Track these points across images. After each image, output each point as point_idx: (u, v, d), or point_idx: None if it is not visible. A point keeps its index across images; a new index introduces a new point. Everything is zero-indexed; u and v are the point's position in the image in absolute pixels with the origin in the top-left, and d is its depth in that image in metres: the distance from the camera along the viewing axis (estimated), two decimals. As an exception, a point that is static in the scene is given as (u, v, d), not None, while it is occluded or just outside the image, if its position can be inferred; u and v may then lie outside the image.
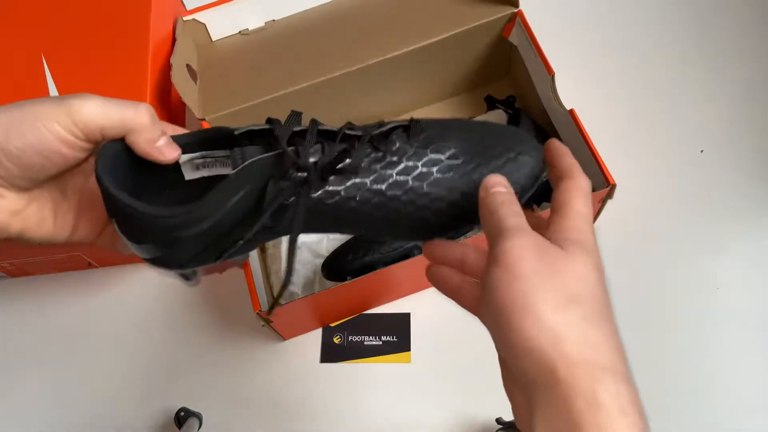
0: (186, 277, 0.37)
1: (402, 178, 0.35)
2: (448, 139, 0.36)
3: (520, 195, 0.36)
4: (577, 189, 0.34)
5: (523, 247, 0.30)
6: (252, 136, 0.35)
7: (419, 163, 0.35)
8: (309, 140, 0.33)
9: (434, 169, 0.35)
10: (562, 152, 0.36)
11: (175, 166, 0.36)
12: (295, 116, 0.34)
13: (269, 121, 0.34)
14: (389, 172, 0.34)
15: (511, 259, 0.30)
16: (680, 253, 0.64)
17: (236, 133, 0.35)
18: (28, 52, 0.64)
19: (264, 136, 0.34)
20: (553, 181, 0.35)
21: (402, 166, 0.35)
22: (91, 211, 0.39)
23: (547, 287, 0.29)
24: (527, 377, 0.29)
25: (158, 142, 0.35)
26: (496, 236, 0.32)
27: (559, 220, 0.33)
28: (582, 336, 0.29)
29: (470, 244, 0.37)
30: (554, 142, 0.37)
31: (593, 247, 0.32)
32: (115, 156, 0.34)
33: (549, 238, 0.32)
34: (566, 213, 0.33)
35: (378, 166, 0.34)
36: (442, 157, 0.35)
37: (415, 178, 0.35)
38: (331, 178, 0.33)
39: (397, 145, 0.35)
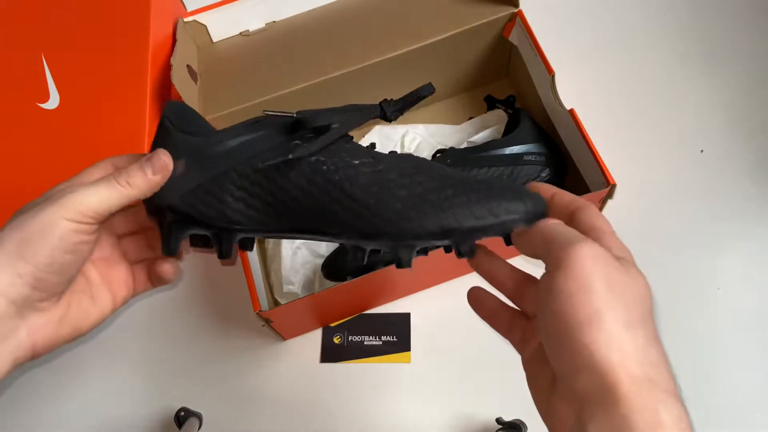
0: (222, 253, 0.38)
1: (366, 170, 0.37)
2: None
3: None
4: (595, 213, 0.34)
5: (595, 258, 0.30)
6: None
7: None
8: (328, 116, 0.37)
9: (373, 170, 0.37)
10: (553, 191, 0.37)
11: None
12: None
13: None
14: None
15: (583, 269, 0.30)
16: (680, 253, 0.64)
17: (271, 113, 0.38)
18: (28, 52, 0.64)
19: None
20: (566, 219, 0.35)
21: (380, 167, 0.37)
22: (117, 272, 0.41)
23: (618, 304, 0.29)
24: (583, 391, 0.29)
25: (149, 173, 0.37)
26: (561, 247, 0.31)
27: (597, 241, 0.32)
28: (645, 356, 0.29)
29: (515, 267, 0.37)
30: (539, 186, 0.38)
31: (632, 260, 0.33)
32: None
33: None
34: (601, 235, 0.33)
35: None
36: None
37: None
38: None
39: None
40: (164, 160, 0.37)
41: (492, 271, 0.37)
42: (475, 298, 0.39)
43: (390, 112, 0.39)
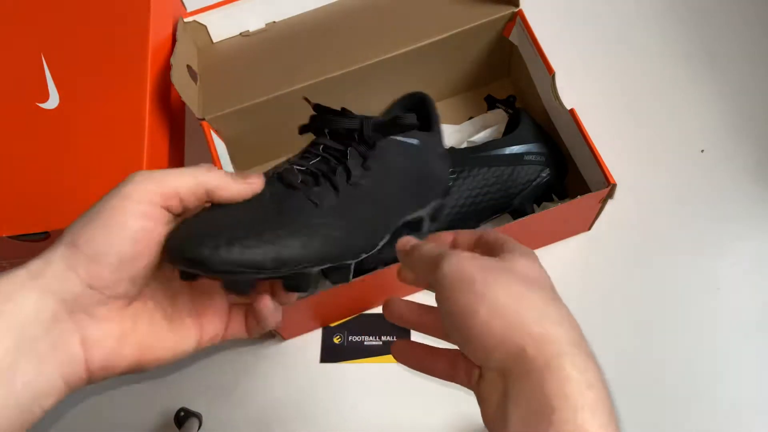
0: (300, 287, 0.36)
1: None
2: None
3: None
4: (492, 233, 0.36)
5: (461, 259, 0.32)
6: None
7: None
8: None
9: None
10: (450, 237, 0.38)
11: None
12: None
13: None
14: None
15: (456, 270, 0.31)
16: (680, 253, 0.64)
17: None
18: (27, 52, 0.64)
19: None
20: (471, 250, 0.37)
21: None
22: (214, 303, 0.36)
23: (498, 280, 0.31)
24: (502, 369, 0.30)
25: (236, 179, 0.35)
26: (433, 267, 0.32)
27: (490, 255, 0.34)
28: (543, 315, 0.30)
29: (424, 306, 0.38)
30: (442, 236, 0.39)
31: (528, 251, 0.34)
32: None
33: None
34: (492, 248, 0.35)
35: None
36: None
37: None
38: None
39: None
40: (261, 179, 0.36)
41: (400, 316, 0.38)
42: (401, 352, 0.38)
43: (369, 132, 0.41)
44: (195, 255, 0.31)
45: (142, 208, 0.31)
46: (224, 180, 0.34)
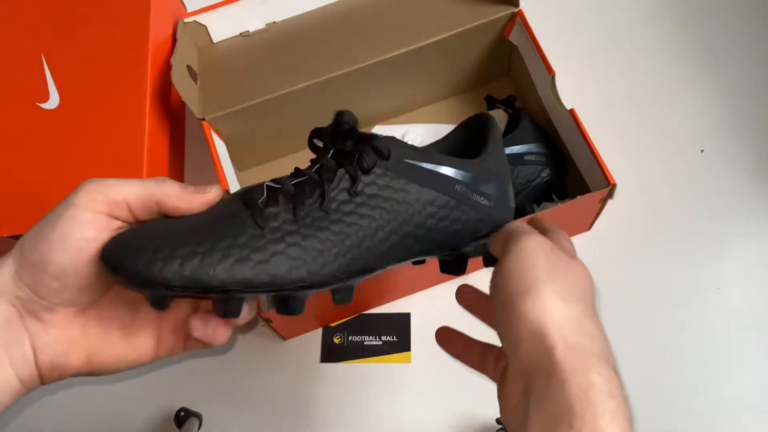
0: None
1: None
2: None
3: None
4: (561, 235, 0.39)
5: (538, 243, 0.34)
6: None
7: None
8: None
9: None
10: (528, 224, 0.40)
11: None
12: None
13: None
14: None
15: (527, 251, 0.33)
16: (680, 252, 0.64)
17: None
18: (28, 52, 0.64)
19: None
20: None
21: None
22: (175, 313, 0.35)
23: (556, 280, 0.32)
24: (526, 362, 0.31)
25: (191, 189, 0.33)
26: (507, 240, 0.35)
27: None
28: (580, 326, 0.31)
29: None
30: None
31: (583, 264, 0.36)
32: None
33: None
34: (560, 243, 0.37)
35: None
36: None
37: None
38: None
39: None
40: (217, 190, 0.34)
41: (467, 302, 0.42)
42: (444, 338, 0.41)
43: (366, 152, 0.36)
44: (112, 262, 0.30)
45: (87, 217, 0.31)
46: (175, 191, 0.33)
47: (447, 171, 0.38)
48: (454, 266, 0.42)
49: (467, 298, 0.42)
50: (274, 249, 0.33)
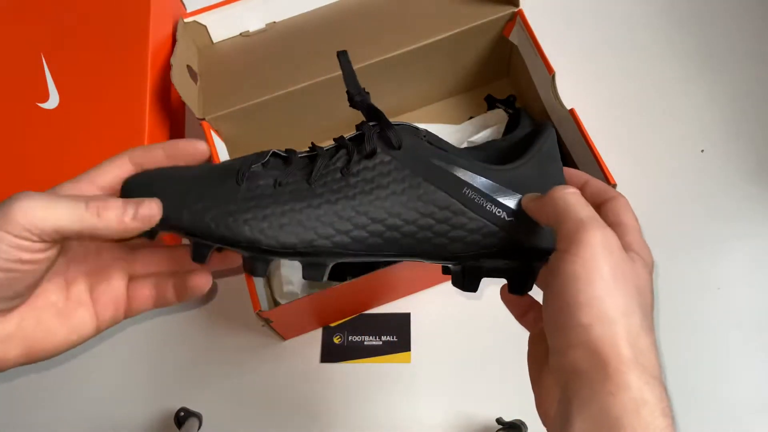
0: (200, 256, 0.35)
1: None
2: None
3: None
4: (624, 206, 0.37)
5: (605, 247, 0.31)
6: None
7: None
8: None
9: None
10: (585, 178, 0.39)
11: None
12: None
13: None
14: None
15: (592, 255, 0.31)
16: (680, 252, 0.64)
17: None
18: (28, 52, 0.64)
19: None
20: (594, 204, 0.36)
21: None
22: (108, 288, 0.36)
23: (619, 292, 0.31)
24: (572, 366, 0.30)
25: (128, 215, 0.32)
26: (575, 228, 0.32)
27: (620, 237, 0.34)
28: (637, 342, 0.30)
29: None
30: (570, 171, 0.40)
31: (651, 260, 0.35)
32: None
33: None
34: (625, 231, 0.35)
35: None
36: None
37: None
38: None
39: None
40: (154, 211, 0.33)
41: (510, 302, 0.40)
42: (509, 298, 0.40)
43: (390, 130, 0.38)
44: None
45: (16, 242, 0.30)
46: (111, 223, 0.32)
47: (458, 172, 0.36)
48: (465, 281, 0.38)
49: (510, 299, 0.40)
50: (280, 210, 0.35)
